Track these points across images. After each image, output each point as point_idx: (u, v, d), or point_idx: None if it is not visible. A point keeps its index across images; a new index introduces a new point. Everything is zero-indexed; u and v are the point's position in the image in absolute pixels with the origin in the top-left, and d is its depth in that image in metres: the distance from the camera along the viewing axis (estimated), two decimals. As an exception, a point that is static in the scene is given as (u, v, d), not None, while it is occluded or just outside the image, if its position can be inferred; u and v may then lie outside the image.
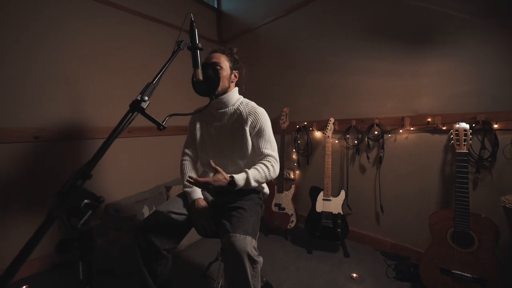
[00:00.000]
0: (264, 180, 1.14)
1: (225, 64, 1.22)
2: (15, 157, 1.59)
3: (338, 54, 2.06)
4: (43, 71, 1.69)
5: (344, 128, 2.01)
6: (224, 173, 1.05)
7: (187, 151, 1.39)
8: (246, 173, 1.09)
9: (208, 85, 1.14)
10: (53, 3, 1.73)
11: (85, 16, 1.87)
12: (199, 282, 1.56)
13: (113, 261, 1.62)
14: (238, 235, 0.93)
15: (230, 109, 1.27)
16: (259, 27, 2.64)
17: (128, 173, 2.15)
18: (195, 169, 1.37)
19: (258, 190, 1.30)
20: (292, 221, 2.12)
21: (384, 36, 1.79)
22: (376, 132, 1.85)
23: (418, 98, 1.67)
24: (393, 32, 1.75)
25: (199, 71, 1.04)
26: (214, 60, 1.21)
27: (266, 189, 1.36)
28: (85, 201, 0.61)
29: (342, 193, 1.89)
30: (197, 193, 1.23)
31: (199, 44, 1.04)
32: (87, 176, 0.63)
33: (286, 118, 2.31)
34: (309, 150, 2.28)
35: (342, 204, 1.87)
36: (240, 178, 1.07)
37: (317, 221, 1.88)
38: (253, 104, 1.30)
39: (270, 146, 1.22)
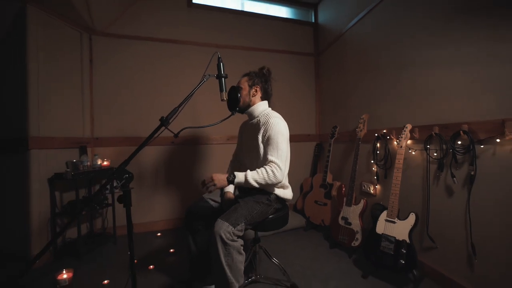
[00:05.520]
0: (263, 182, 1.27)
1: (244, 84, 1.49)
2: (159, 154, 2.61)
3: (419, 44, 1.68)
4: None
5: (425, 137, 1.60)
6: (222, 175, 1.29)
7: (234, 154, 1.75)
8: (246, 173, 1.29)
9: (232, 103, 1.46)
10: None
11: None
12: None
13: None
14: (220, 220, 1.17)
15: (254, 120, 1.51)
16: (344, 33, 2.56)
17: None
18: (234, 168, 1.69)
19: (267, 192, 1.42)
20: (357, 239, 1.91)
21: (474, 11, 1.31)
22: (459, 142, 1.35)
23: (528, 91, 1.09)
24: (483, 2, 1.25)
25: (223, 93, 1.37)
26: (238, 84, 1.51)
27: (283, 193, 1.45)
28: (126, 175, 1.13)
29: (412, 217, 1.52)
30: (229, 188, 1.56)
31: (224, 74, 1.38)
32: (126, 165, 1.14)
33: (363, 125, 2.12)
34: (388, 162, 1.95)
35: (410, 231, 1.51)
36: (239, 175, 1.29)
37: (375, 244, 1.62)
38: (272, 114, 1.46)
39: (276, 153, 1.32)
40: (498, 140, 1.19)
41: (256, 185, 1.29)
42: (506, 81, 1.19)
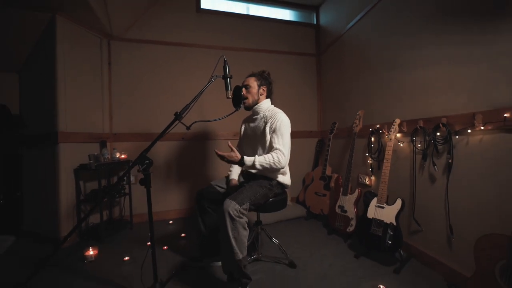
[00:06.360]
0: (268, 166, 1.45)
1: (253, 84, 1.68)
2: (171, 149, 2.83)
3: (406, 46, 1.84)
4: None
5: (411, 130, 1.75)
6: (237, 153, 1.45)
7: (236, 147, 1.94)
8: (254, 157, 1.47)
9: (236, 100, 1.65)
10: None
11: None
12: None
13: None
14: (228, 200, 1.36)
15: (261, 115, 1.70)
16: (343, 34, 2.72)
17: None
18: None
19: (269, 178, 1.62)
20: (352, 225, 2.08)
21: (452, 17, 1.47)
22: (438, 134, 1.50)
23: (494, 87, 1.24)
24: (461, 7, 1.41)
25: (229, 92, 1.56)
26: (245, 83, 1.70)
27: (282, 179, 1.64)
28: (147, 161, 1.34)
29: (398, 202, 1.69)
30: (233, 175, 1.76)
31: (229, 75, 1.56)
32: (147, 152, 1.35)
33: (359, 121, 2.29)
34: (381, 154, 2.10)
35: (397, 214, 1.67)
36: (248, 159, 1.46)
37: (367, 227, 1.79)
38: (277, 110, 1.65)
39: (281, 142, 1.51)
40: (469, 131, 1.35)
41: (261, 168, 1.46)
42: (476, 78, 1.34)
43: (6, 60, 2.30)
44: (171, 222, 2.69)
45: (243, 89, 1.69)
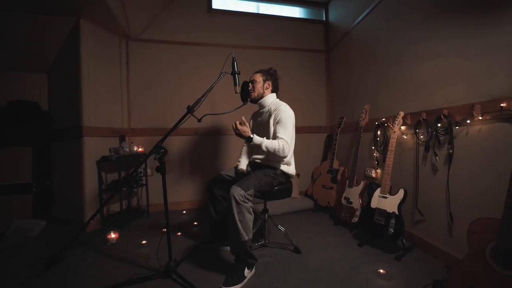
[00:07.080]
0: (272, 150, 1.55)
1: (259, 78, 1.78)
2: (184, 143, 2.99)
3: (411, 40, 1.87)
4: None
5: (415, 122, 1.79)
6: (248, 129, 1.57)
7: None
8: (263, 138, 1.58)
9: (244, 95, 1.76)
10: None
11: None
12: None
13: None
14: (234, 186, 1.47)
15: (266, 108, 1.81)
16: (350, 30, 2.76)
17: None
18: (248, 152, 1.98)
19: (274, 167, 1.72)
20: (356, 215, 2.14)
21: (455, 9, 1.50)
22: (439, 125, 1.54)
23: (491, 78, 1.27)
24: (461, 2, 1.44)
25: (237, 87, 1.67)
26: (251, 78, 1.81)
27: (287, 169, 1.73)
28: (162, 150, 1.48)
29: (401, 192, 1.73)
30: (241, 165, 1.87)
31: (237, 71, 1.67)
32: (162, 142, 1.48)
33: (365, 115, 2.33)
34: (386, 147, 2.14)
35: (399, 204, 1.72)
36: (257, 138, 1.57)
37: (370, 217, 1.85)
38: (281, 103, 1.75)
39: (285, 132, 1.61)
40: (468, 121, 1.39)
41: (265, 150, 1.56)
42: (475, 70, 1.38)
43: (37, 62, 2.53)
44: (184, 212, 2.85)
45: (250, 84, 1.80)
